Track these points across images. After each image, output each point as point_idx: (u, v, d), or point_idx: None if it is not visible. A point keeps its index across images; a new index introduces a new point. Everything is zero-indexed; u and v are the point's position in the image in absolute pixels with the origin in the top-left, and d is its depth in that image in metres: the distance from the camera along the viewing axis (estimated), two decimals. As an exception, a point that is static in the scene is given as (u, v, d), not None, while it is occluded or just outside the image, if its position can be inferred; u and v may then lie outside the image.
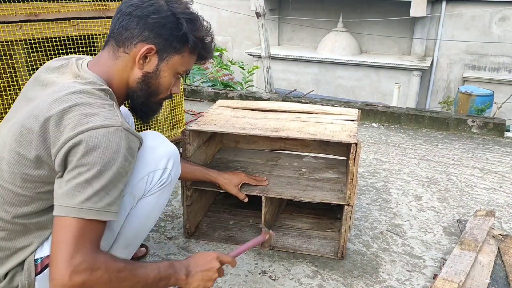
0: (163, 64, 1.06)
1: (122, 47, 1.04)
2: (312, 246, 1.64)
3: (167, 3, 1.04)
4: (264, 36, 4.40)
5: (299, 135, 1.46)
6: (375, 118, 3.44)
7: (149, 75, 1.07)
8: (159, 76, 1.08)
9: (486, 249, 1.62)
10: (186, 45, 1.07)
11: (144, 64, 1.05)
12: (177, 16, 1.03)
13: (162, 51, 1.05)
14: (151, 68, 1.06)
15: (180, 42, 1.05)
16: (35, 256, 1.02)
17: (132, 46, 1.03)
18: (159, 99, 1.14)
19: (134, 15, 1.01)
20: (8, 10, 1.62)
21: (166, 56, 1.06)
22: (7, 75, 1.67)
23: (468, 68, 7.78)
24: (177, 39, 1.04)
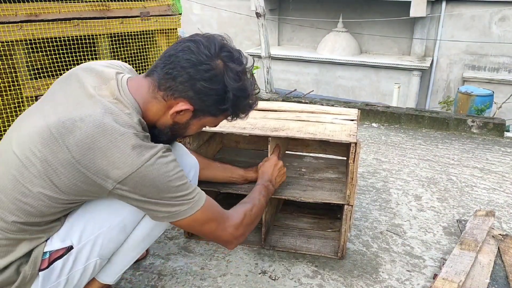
0: (195, 120, 1.07)
1: (162, 91, 1.01)
2: (312, 246, 1.64)
3: (224, 71, 1.01)
4: (264, 36, 4.40)
5: (299, 135, 1.46)
6: (375, 118, 3.44)
7: (178, 125, 1.07)
8: (188, 128, 1.10)
9: (486, 249, 1.62)
10: (224, 114, 1.09)
11: (176, 116, 1.04)
12: (227, 91, 1.02)
13: (197, 111, 1.04)
14: (182, 121, 1.06)
15: (220, 112, 1.07)
16: (44, 249, 1.02)
17: (172, 97, 1.01)
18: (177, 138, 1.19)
19: (186, 72, 0.98)
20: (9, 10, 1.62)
21: (201, 116, 1.06)
22: (7, 75, 1.67)
23: (468, 68, 7.78)
24: (218, 109, 1.05)
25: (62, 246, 1.03)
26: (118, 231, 1.08)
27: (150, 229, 1.15)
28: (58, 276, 1.04)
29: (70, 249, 1.03)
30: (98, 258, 1.08)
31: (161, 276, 1.47)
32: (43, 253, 1.01)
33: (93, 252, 1.06)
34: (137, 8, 2.01)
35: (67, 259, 1.04)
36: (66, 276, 1.05)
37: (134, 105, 1.00)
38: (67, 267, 1.04)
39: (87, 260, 1.06)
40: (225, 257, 1.58)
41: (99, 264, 1.10)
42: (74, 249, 1.04)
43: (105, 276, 1.17)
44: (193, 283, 1.44)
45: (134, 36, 1.98)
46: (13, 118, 1.69)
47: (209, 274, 1.49)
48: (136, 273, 1.48)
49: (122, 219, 1.07)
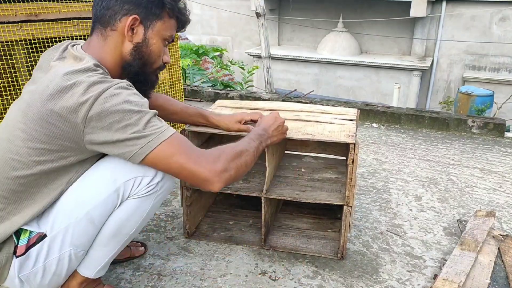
0: (150, 31, 1.14)
1: (108, 26, 1.11)
2: (312, 246, 1.64)
3: None
4: (264, 36, 4.40)
5: (297, 136, 1.46)
6: (375, 118, 3.44)
7: (139, 45, 1.14)
8: (149, 44, 1.15)
9: (486, 250, 1.62)
10: (164, 10, 1.14)
11: (133, 36, 1.12)
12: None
13: (145, 19, 1.12)
14: (140, 38, 1.13)
15: (158, 7, 1.13)
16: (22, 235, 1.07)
17: (117, 22, 1.10)
18: (154, 68, 1.20)
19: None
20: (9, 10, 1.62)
21: (149, 24, 1.13)
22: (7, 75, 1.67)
23: (468, 68, 7.78)
24: (154, 5, 1.12)
25: (37, 230, 1.08)
26: (86, 223, 1.10)
27: (120, 225, 1.15)
28: (34, 263, 1.08)
29: (44, 237, 1.08)
30: (71, 249, 1.11)
31: (161, 277, 1.47)
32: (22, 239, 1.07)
33: (65, 242, 1.09)
34: (137, 8, 2.00)
35: (42, 247, 1.08)
36: (42, 264, 1.09)
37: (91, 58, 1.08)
38: (42, 255, 1.08)
39: (61, 249, 1.09)
40: (225, 258, 1.58)
41: (75, 255, 1.12)
42: (47, 237, 1.08)
43: (84, 269, 1.19)
44: (193, 283, 1.44)
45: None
46: (12, 118, 1.69)
47: (209, 274, 1.49)
48: (136, 273, 1.48)
49: (88, 211, 1.08)
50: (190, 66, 4.95)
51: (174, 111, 1.50)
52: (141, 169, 1.11)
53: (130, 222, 1.16)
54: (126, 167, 1.10)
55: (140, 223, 1.18)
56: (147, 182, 1.13)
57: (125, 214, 1.13)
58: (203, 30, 9.79)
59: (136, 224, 1.18)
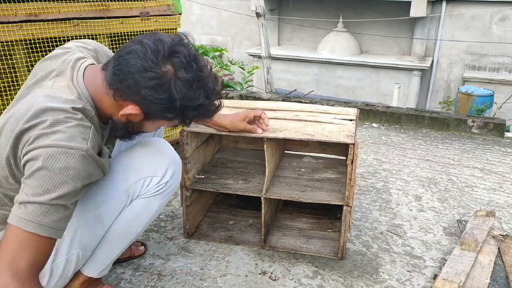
0: (149, 122, 1.03)
1: (112, 90, 0.97)
2: (312, 246, 1.64)
3: (172, 79, 0.93)
4: (264, 36, 4.40)
5: (296, 136, 1.46)
6: (375, 118, 3.44)
7: (132, 124, 1.03)
8: (142, 127, 1.05)
9: (486, 250, 1.62)
10: (177, 120, 1.02)
11: (128, 116, 1.00)
12: (174, 100, 0.94)
13: (149, 115, 0.99)
14: (135, 121, 1.01)
15: (171, 118, 1.00)
16: None
17: (120, 99, 0.97)
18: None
19: (132, 77, 0.93)
20: (9, 10, 1.62)
21: (153, 119, 1.01)
22: (7, 75, 1.66)
23: (468, 68, 7.77)
24: (167, 116, 1.00)
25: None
26: (95, 224, 1.10)
27: (129, 224, 1.15)
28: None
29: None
30: (79, 250, 1.11)
31: (161, 277, 1.47)
32: None
33: (73, 244, 1.09)
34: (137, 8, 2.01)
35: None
36: (49, 267, 1.08)
37: (85, 94, 0.98)
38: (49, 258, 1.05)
39: (69, 251, 1.09)
40: (225, 258, 1.58)
41: (82, 256, 1.12)
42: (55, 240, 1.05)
43: (89, 269, 1.19)
44: (193, 283, 1.44)
45: (134, 36, 1.98)
46: (12, 118, 1.69)
47: (209, 274, 1.49)
48: (136, 273, 1.48)
49: (97, 212, 1.08)
50: (190, 66, 4.93)
51: None
52: (151, 169, 1.12)
53: (138, 221, 1.17)
54: (137, 166, 1.11)
55: (147, 222, 1.20)
56: (156, 182, 1.13)
57: (134, 213, 1.14)
58: (203, 30, 9.78)
59: (144, 223, 1.19)
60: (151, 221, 1.21)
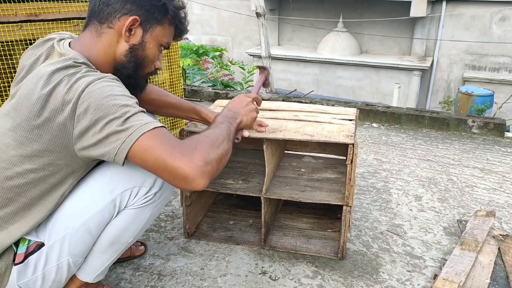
0: (148, 35, 1.10)
1: (105, 23, 1.07)
2: (312, 246, 1.64)
3: None
4: (264, 36, 4.40)
5: (296, 136, 1.46)
6: (375, 118, 3.44)
7: (135, 47, 1.10)
8: (145, 48, 1.11)
9: (486, 249, 1.62)
10: (166, 16, 1.11)
11: (130, 37, 1.08)
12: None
13: (145, 22, 1.08)
14: (137, 40, 1.09)
15: (161, 13, 1.10)
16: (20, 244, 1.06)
17: (116, 20, 1.06)
18: (146, 73, 1.16)
19: None
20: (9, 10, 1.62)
21: (149, 27, 1.10)
22: (7, 75, 1.67)
23: (468, 68, 7.78)
24: (157, 9, 1.09)
25: (35, 239, 1.06)
26: (83, 233, 1.08)
27: (118, 234, 1.13)
28: (33, 271, 1.07)
29: (42, 246, 1.07)
30: (69, 257, 1.10)
31: (161, 277, 1.47)
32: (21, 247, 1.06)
33: (62, 251, 1.08)
34: (137, 8, 2.00)
35: (40, 256, 1.07)
36: (41, 272, 1.08)
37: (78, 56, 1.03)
38: (40, 263, 1.07)
39: (59, 258, 1.09)
40: (225, 258, 1.58)
41: (73, 263, 1.12)
42: (45, 246, 1.07)
43: (83, 274, 1.19)
44: (193, 283, 1.44)
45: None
46: (12, 118, 1.69)
47: (209, 274, 1.49)
48: (136, 273, 1.48)
49: (84, 221, 1.07)
50: (190, 66, 4.95)
51: (168, 103, 1.46)
52: (138, 179, 1.09)
53: (127, 232, 1.15)
54: (124, 177, 1.08)
55: (138, 232, 1.17)
56: (144, 192, 1.11)
57: (122, 223, 1.12)
58: (203, 30, 9.79)
59: (134, 233, 1.17)
60: (142, 231, 1.19)
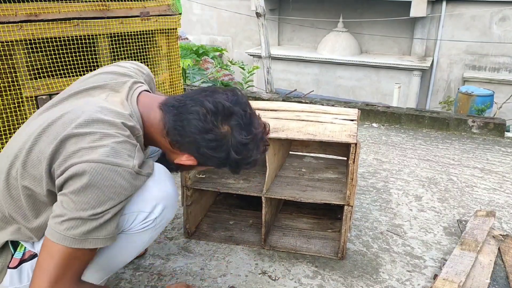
0: (199, 166, 1.11)
1: (170, 138, 1.02)
2: (312, 246, 1.64)
3: (231, 139, 1.01)
4: (264, 36, 4.40)
5: (298, 136, 1.46)
6: (375, 118, 3.44)
7: (181, 166, 1.10)
8: (193, 169, 1.15)
9: (486, 249, 1.62)
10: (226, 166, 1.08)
11: (180, 159, 1.07)
12: (229, 158, 1.03)
13: (202, 165, 1.09)
14: (186, 164, 1.08)
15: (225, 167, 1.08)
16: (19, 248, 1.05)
17: (177, 149, 1.04)
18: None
19: (193, 136, 1.00)
20: (9, 10, 1.62)
21: (204, 165, 1.10)
22: (7, 75, 1.66)
23: (469, 68, 7.78)
24: (220, 167, 1.08)
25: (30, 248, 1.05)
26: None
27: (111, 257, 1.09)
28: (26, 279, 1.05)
29: (35, 256, 1.04)
30: None
31: (161, 277, 1.47)
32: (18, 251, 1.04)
33: None
34: (137, 8, 2.01)
35: (32, 265, 1.04)
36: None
37: (137, 114, 1.02)
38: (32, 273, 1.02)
39: None
40: (225, 258, 1.58)
41: None
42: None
43: None
44: (193, 283, 1.44)
45: (134, 36, 1.98)
46: (12, 118, 1.69)
47: (209, 274, 1.49)
48: (136, 273, 1.48)
49: None
50: (190, 66, 4.95)
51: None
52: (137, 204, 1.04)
53: (121, 256, 1.10)
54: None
55: (135, 253, 1.13)
56: (142, 218, 1.05)
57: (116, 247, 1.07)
58: (203, 30, 9.79)
59: (131, 255, 1.13)
60: (139, 252, 1.15)
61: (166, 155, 1.11)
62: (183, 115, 1.00)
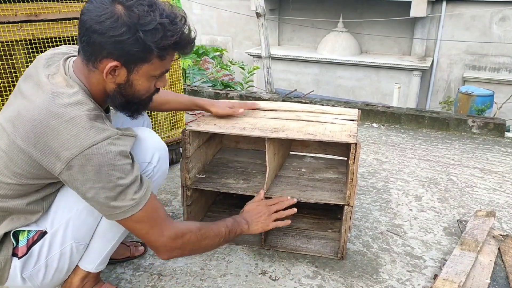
0: (133, 74, 1.03)
1: (89, 61, 1.01)
2: (312, 246, 1.64)
3: (125, 12, 0.96)
4: (264, 36, 4.40)
5: (298, 136, 1.46)
6: (375, 118, 3.44)
7: (122, 86, 1.04)
8: (133, 85, 1.05)
9: (486, 250, 1.62)
10: (153, 55, 1.01)
11: (114, 77, 1.02)
12: (133, 30, 0.96)
13: (128, 63, 1.00)
14: (123, 80, 1.03)
15: (145, 54, 1.00)
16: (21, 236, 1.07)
17: (97, 62, 1.00)
18: (144, 99, 1.11)
19: (92, 31, 0.96)
20: (9, 11, 1.62)
21: (133, 67, 1.01)
22: (7, 75, 1.66)
23: (469, 68, 7.78)
24: (140, 52, 0.99)
25: (36, 229, 1.07)
26: (86, 214, 1.10)
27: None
28: (36, 261, 1.08)
29: (45, 234, 1.08)
30: (73, 242, 1.11)
31: (161, 277, 1.47)
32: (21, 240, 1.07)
33: (66, 235, 1.10)
34: (137, 8, 2.00)
35: (43, 244, 1.08)
36: (44, 261, 1.09)
37: (80, 84, 1.03)
38: (43, 252, 1.08)
39: (62, 244, 1.10)
40: (225, 258, 1.58)
41: (76, 249, 1.13)
42: (48, 233, 1.08)
43: (85, 263, 1.20)
44: (193, 283, 1.44)
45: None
46: (13, 118, 1.69)
47: (209, 274, 1.49)
48: (136, 273, 1.48)
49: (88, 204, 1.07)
50: (190, 66, 4.95)
51: (165, 100, 1.50)
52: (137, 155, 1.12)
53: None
54: None
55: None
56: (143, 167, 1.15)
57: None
58: (203, 30, 9.78)
59: None
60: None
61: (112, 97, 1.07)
62: (80, 24, 0.99)
